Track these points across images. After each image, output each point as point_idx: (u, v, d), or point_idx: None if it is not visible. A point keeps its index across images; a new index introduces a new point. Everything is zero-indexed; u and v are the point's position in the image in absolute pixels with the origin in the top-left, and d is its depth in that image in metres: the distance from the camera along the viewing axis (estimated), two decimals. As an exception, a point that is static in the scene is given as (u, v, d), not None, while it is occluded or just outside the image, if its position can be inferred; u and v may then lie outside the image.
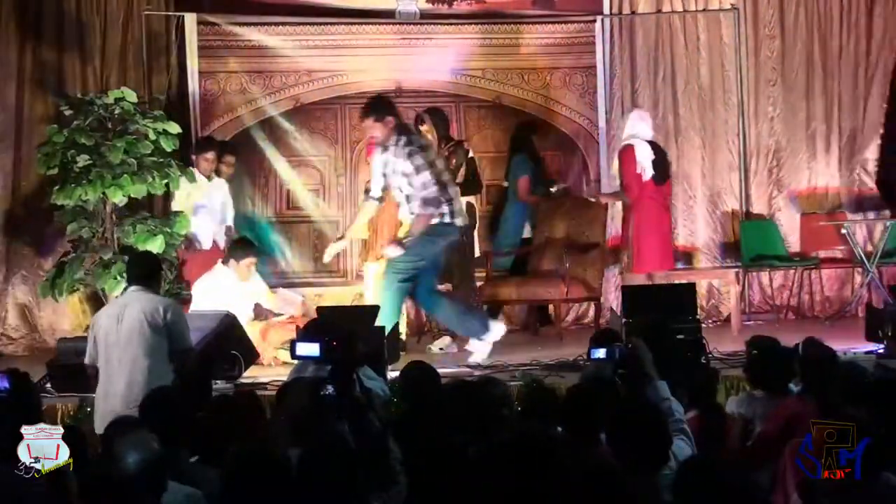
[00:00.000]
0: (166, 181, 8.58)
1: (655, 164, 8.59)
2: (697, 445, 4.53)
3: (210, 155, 8.73)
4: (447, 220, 7.43)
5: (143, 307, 6.18)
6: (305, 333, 5.81)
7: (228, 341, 7.13)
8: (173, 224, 8.61)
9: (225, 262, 8.23)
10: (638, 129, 8.67)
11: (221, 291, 8.01)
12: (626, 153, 8.63)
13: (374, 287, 8.17)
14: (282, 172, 9.61)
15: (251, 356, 7.34)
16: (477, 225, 8.36)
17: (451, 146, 8.26)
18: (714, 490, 3.58)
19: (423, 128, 8.25)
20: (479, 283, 9.12)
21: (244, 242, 8.42)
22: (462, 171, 8.19)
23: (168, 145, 8.63)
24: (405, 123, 7.75)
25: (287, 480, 3.77)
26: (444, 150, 8.19)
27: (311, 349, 5.44)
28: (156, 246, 8.37)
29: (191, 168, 8.91)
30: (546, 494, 3.66)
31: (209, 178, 8.76)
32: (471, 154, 8.27)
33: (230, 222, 8.91)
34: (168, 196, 8.94)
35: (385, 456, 4.35)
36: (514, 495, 3.70)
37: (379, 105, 7.59)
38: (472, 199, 8.23)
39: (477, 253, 8.54)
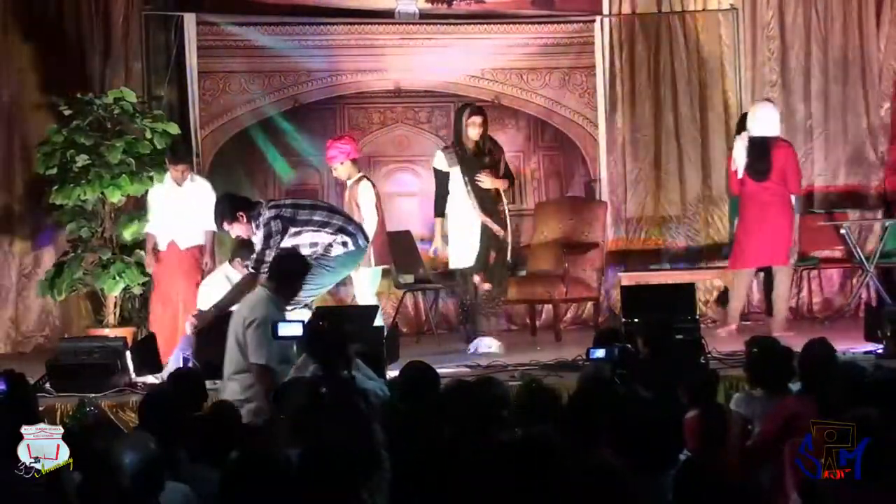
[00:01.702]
0: (165, 181, 8.60)
1: (752, 160, 8.35)
2: (698, 445, 4.53)
3: (180, 167, 8.13)
4: (351, 247, 7.31)
5: (241, 310, 6.37)
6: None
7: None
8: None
9: (230, 261, 8.26)
10: (750, 125, 8.45)
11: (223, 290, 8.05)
12: (730, 150, 8.50)
13: (358, 292, 8.18)
14: (280, 172, 9.60)
15: None
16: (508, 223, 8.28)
17: (493, 141, 8.27)
18: (713, 491, 3.58)
19: (478, 120, 8.18)
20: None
21: (248, 243, 8.43)
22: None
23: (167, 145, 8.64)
24: (246, 204, 7.40)
25: (285, 481, 3.77)
26: (489, 144, 8.20)
27: (293, 329, 5.45)
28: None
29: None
30: (545, 494, 3.66)
31: (180, 185, 8.18)
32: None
33: (209, 227, 8.04)
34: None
35: (370, 439, 4.34)
36: (512, 495, 3.69)
37: (221, 211, 7.29)
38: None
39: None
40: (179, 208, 8.13)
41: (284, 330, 5.56)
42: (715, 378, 5.52)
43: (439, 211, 8.27)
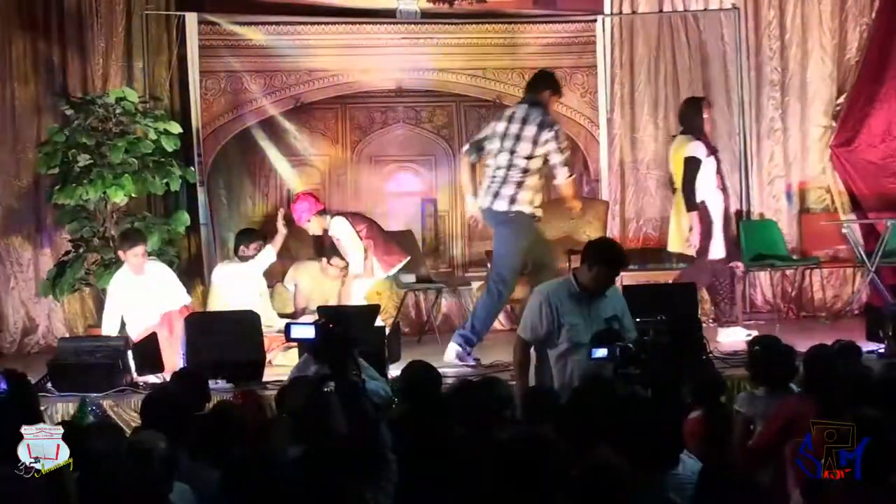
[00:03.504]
0: (167, 180, 8.61)
1: None
2: (701, 446, 4.52)
3: (139, 249, 7.75)
4: None
5: None
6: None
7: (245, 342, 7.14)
8: (172, 222, 8.65)
9: (236, 251, 8.32)
10: None
11: (238, 286, 8.19)
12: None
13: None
14: (282, 171, 9.60)
15: (261, 359, 7.29)
16: None
17: None
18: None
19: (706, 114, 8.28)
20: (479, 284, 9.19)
21: (246, 231, 8.58)
22: None
23: (169, 145, 8.66)
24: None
25: (285, 480, 3.77)
26: None
27: (305, 332, 5.44)
28: (151, 243, 8.38)
29: (191, 168, 8.91)
30: (546, 494, 3.66)
31: (140, 272, 7.79)
32: None
33: (185, 301, 7.95)
34: (168, 195, 8.95)
35: (377, 442, 4.35)
36: (514, 495, 3.69)
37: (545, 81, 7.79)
38: None
39: None
40: (146, 299, 7.71)
41: (297, 332, 5.54)
42: (720, 380, 5.51)
43: (693, 204, 8.02)
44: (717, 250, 8.11)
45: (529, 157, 7.50)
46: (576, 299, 6.14)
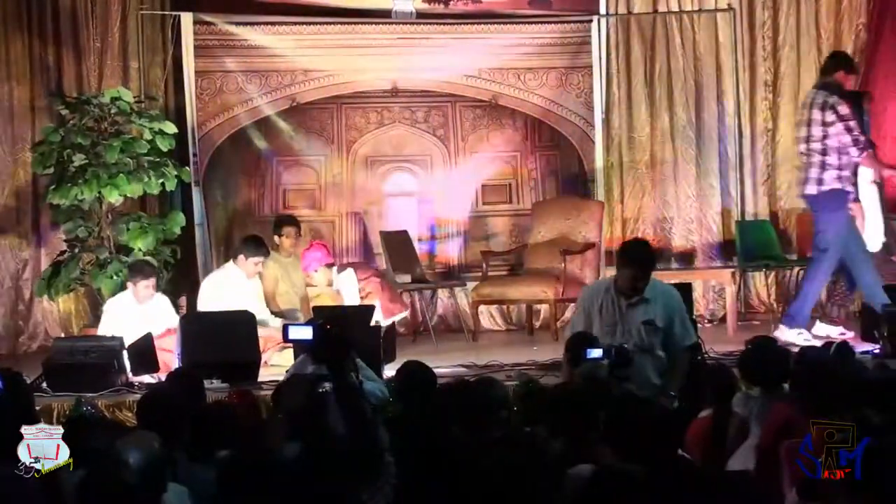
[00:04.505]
0: (162, 181, 8.60)
1: None
2: (705, 446, 4.52)
3: (150, 282, 7.75)
4: None
5: None
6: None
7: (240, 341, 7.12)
8: (167, 222, 8.63)
9: (234, 258, 8.25)
10: None
11: (230, 289, 8.08)
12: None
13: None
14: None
15: (257, 359, 7.27)
16: None
17: None
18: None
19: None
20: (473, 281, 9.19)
21: (256, 240, 8.28)
22: None
23: (164, 145, 8.66)
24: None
25: (282, 482, 3.77)
26: None
27: (303, 332, 5.43)
28: (146, 243, 8.38)
29: (187, 168, 8.91)
30: (543, 495, 3.66)
31: (142, 303, 7.78)
32: None
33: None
34: (163, 195, 8.95)
35: (374, 443, 4.35)
36: (507, 495, 3.70)
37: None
38: None
39: None
40: (142, 327, 7.53)
41: (295, 333, 5.54)
42: (735, 381, 5.51)
43: (855, 197, 7.92)
44: (874, 242, 8.10)
45: (822, 140, 7.62)
46: (612, 301, 6.16)
